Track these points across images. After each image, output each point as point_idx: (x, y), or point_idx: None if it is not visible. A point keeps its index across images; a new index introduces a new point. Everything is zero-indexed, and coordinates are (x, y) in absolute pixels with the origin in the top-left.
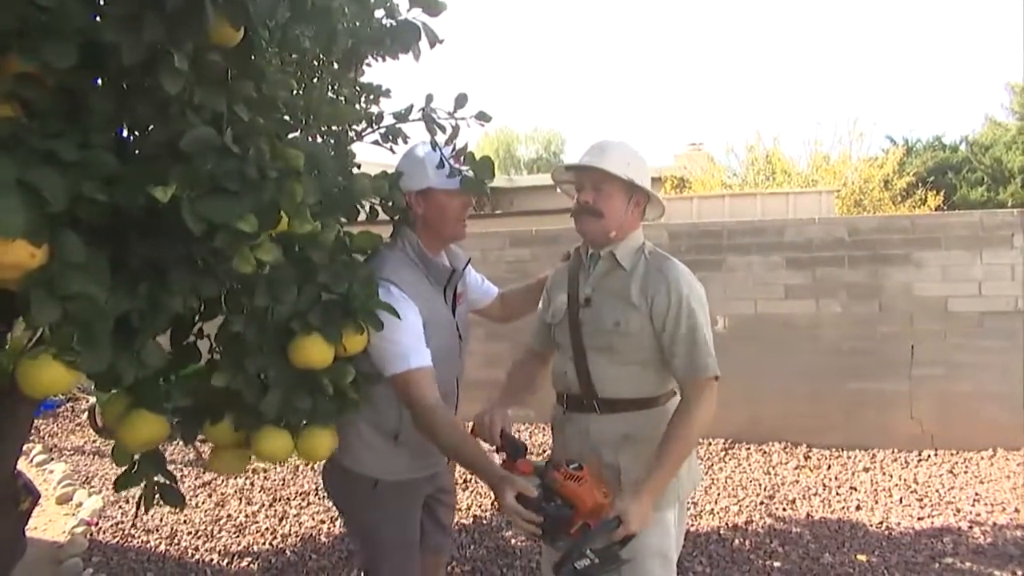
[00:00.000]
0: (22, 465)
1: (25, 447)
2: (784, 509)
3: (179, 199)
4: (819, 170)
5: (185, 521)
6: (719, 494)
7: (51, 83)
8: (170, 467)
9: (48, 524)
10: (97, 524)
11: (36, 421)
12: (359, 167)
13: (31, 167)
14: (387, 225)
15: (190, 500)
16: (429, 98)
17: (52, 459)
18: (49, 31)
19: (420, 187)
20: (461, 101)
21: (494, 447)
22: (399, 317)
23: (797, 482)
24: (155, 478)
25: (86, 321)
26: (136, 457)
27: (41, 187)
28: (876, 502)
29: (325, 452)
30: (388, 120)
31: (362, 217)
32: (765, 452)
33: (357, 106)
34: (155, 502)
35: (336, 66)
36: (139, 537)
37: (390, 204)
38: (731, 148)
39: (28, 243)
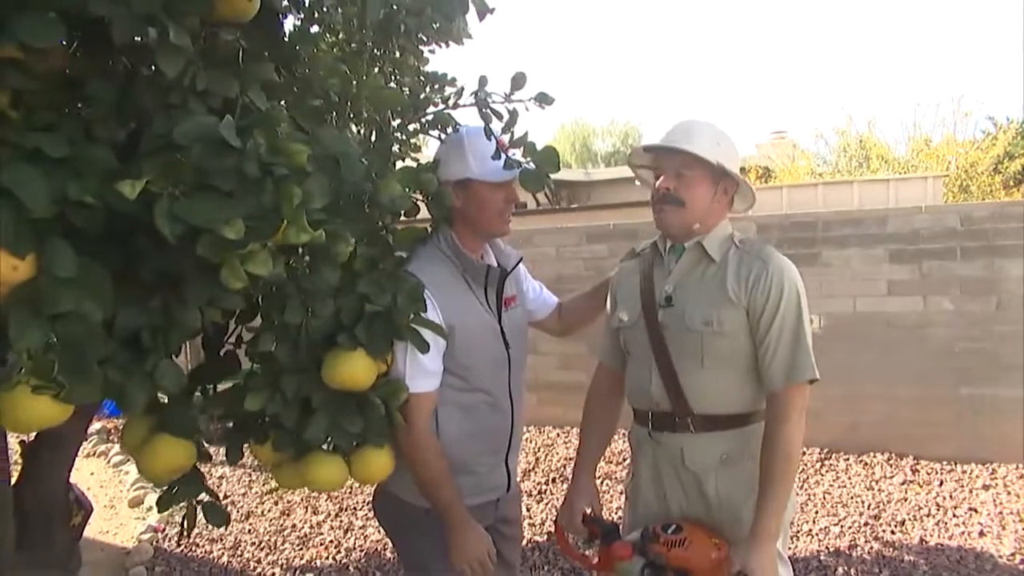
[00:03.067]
0: (100, 466)
1: (104, 447)
2: (892, 532)
3: (156, 196)
4: (919, 154)
5: (249, 531)
6: (817, 512)
7: (41, 69)
8: (240, 471)
9: (120, 528)
10: (164, 530)
11: (115, 421)
12: (403, 160)
13: (9, 167)
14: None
15: (256, 508)
16: (483, 80)
17: (128, 460)
18: (25, 5)
19: (458, 177)
20: (519, 82)
21: (586, 538)
22: (444, 337)
23: (905, 500)
24: (197, 497)
25: (76, 344)
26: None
27: (18, 190)
28: (1003, 528)
29: (383, 475)
30: (438, 106)
31: None
32: (866, 464)
33: (421, 96)
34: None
35: (398, 53)
36: (203, 547)
37: (431, 199)
38: (820, 134)
39: (9, 254)
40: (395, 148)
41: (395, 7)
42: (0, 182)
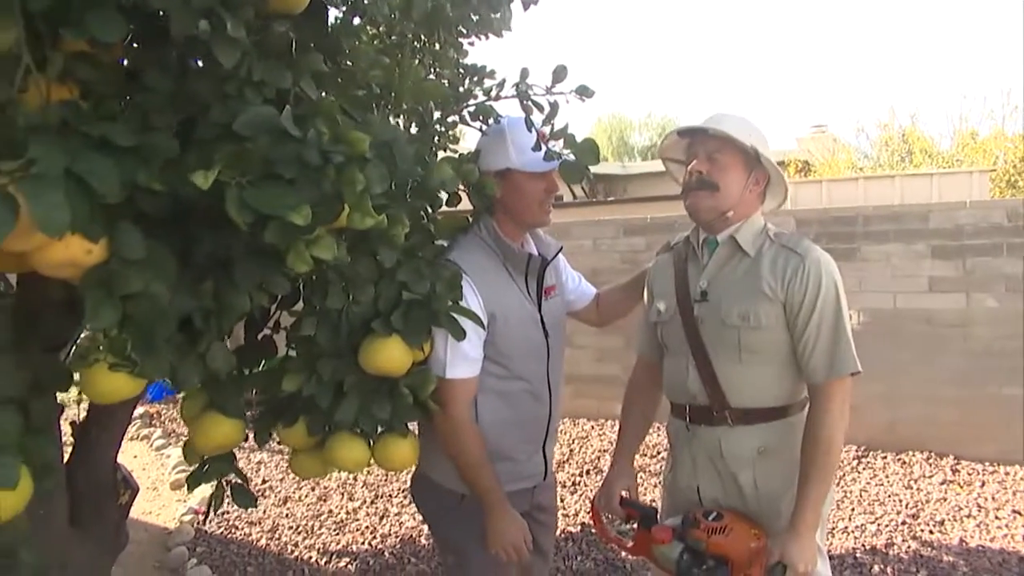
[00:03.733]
0: (143, 449)
1: (146, 431)
2: (931, 532)
3: (226, 186)
4: (965, 148)
5: (287, 515)
6: (853, 509)
7: (106, 61)
8: (277, 456)
9: (162, 509)
10: (204, 513)
11: (157, 406)
12: (453, 151)
13: (81, 155)
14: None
15: (293, 493)
16: (524, 72)
17: (170, 444)
18: (94, 2)
19: (498, 167)
20: (560, 74)
21: (623, 520)
22: (483, 326)
23: (945, 499)
24: (226, 477)
25: (146, 323)
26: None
27: (90, 178)
28: None
29: (405, 462)
30: (479, 97)
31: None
32: (904, 463)
33: (461, 89)
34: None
35: (437, 46)
36: (242, 529)
37: (473, 189)
38: (861, 128)
39: (83, 238)
40: (435, 139)
41: None
42: (74, 170)
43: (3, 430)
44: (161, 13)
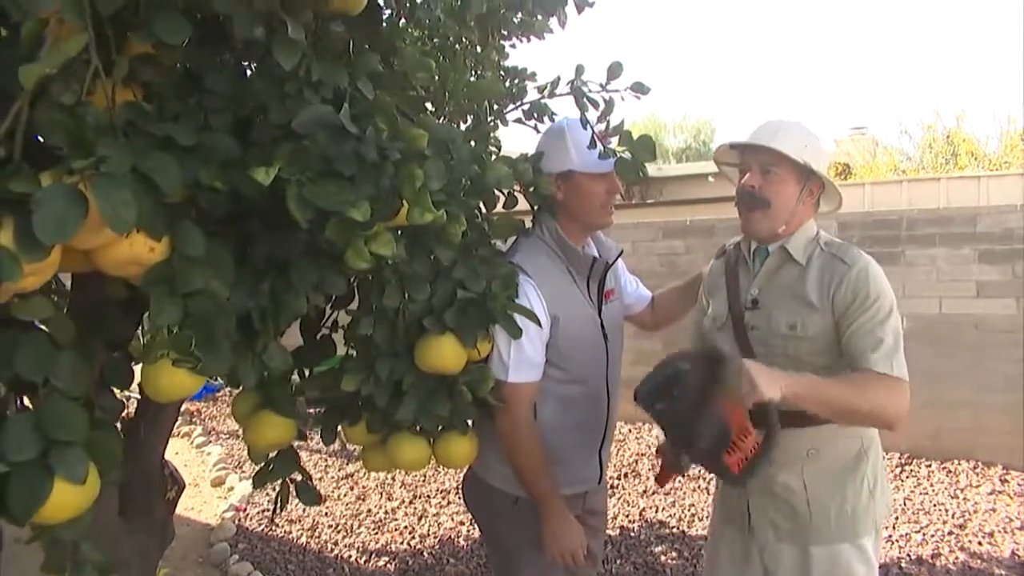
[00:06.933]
0: (184, 446)
1: (187, 429)
2: (980, 543)
3: (286, 183)
4: (1013, 149)
5: (326, 513)
6: (897, 518)
7: (168, 63)
8: (315, 456)
9: (203, 506)
10: (245, 510)
11: (198, 404)
12: (499, 150)
13: (146, 155)
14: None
15: (332, 492)
16: (580, 69)
17: (210, 442)
18: (159, 5)
19: (560, 169)
20: (615, 71)
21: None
22: (540, 324)
23: (994, 511)
24: (291, 476)
25: (207, 320)
26: (272, 454)
27: (155, 176)
28: None
29: (463, 460)
30: (532, 95)
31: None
32: (950, 472)
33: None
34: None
35: (479, 48)
36: (282, 527)
37: (531, 190)
38: (904, 129)
39: (146, 237)
40: (490, 138)
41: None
42: (140, 168)
43: (72, 426)
44: (221, 16)
